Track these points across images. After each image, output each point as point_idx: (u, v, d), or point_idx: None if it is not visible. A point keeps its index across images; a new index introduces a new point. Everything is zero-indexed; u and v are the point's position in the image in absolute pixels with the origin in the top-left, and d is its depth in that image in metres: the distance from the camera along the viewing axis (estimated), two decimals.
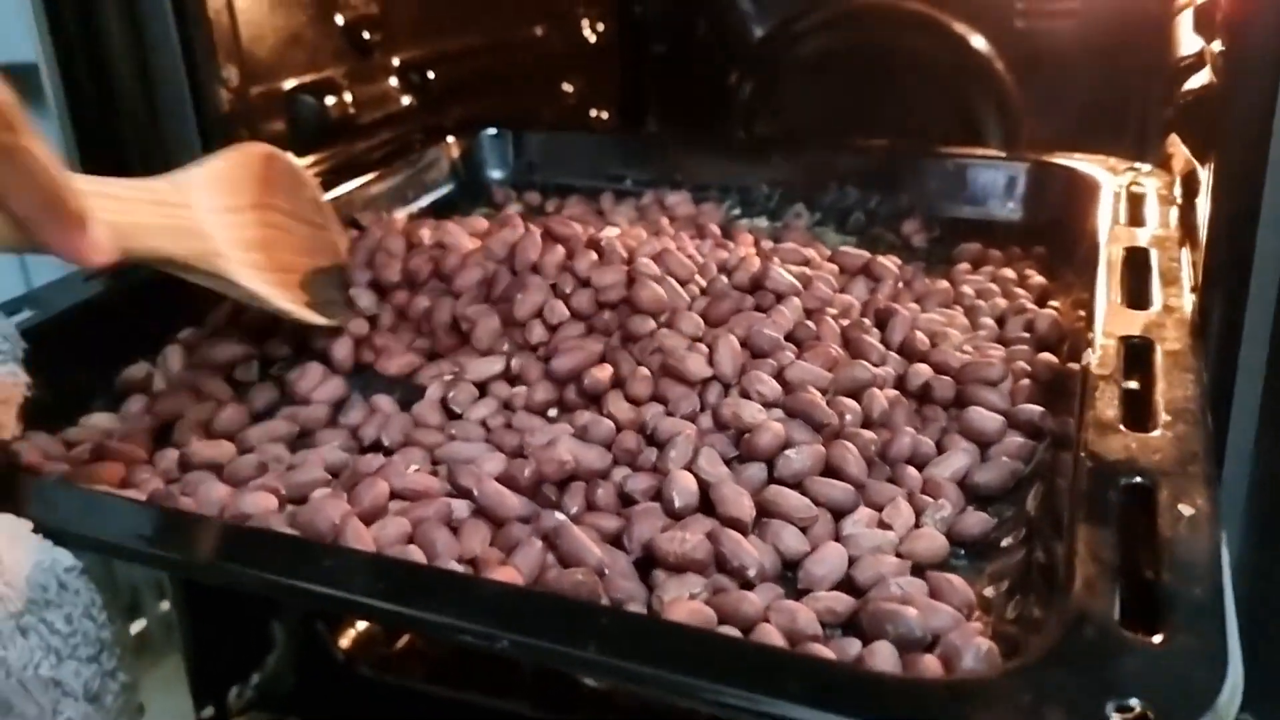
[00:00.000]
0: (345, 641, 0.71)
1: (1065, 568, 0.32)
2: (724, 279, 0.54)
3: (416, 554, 0.37)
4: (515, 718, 0.65)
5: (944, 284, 0.59)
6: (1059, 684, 0.27)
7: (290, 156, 0.58)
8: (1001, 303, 0.57)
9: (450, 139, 0.77)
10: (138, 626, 0.86)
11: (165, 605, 0.82)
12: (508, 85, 0.90)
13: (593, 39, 1.00)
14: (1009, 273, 0.61)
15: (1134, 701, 0.26)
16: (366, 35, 0.75)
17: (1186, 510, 0.34)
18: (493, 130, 0.78)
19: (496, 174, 0.77)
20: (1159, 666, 0.27)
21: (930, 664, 0.33)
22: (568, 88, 0.98)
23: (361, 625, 0.71)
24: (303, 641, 0.71)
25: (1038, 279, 0.60)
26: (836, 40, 0.94)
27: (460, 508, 0.40)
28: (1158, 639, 0.28)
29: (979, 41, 0.89)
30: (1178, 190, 0.60)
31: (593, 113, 1.02)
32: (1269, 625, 0.49)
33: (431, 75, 0.80)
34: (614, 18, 1.01)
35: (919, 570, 0.38)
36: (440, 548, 0.37)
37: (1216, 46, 0.53)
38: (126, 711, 0.31)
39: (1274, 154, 0.45)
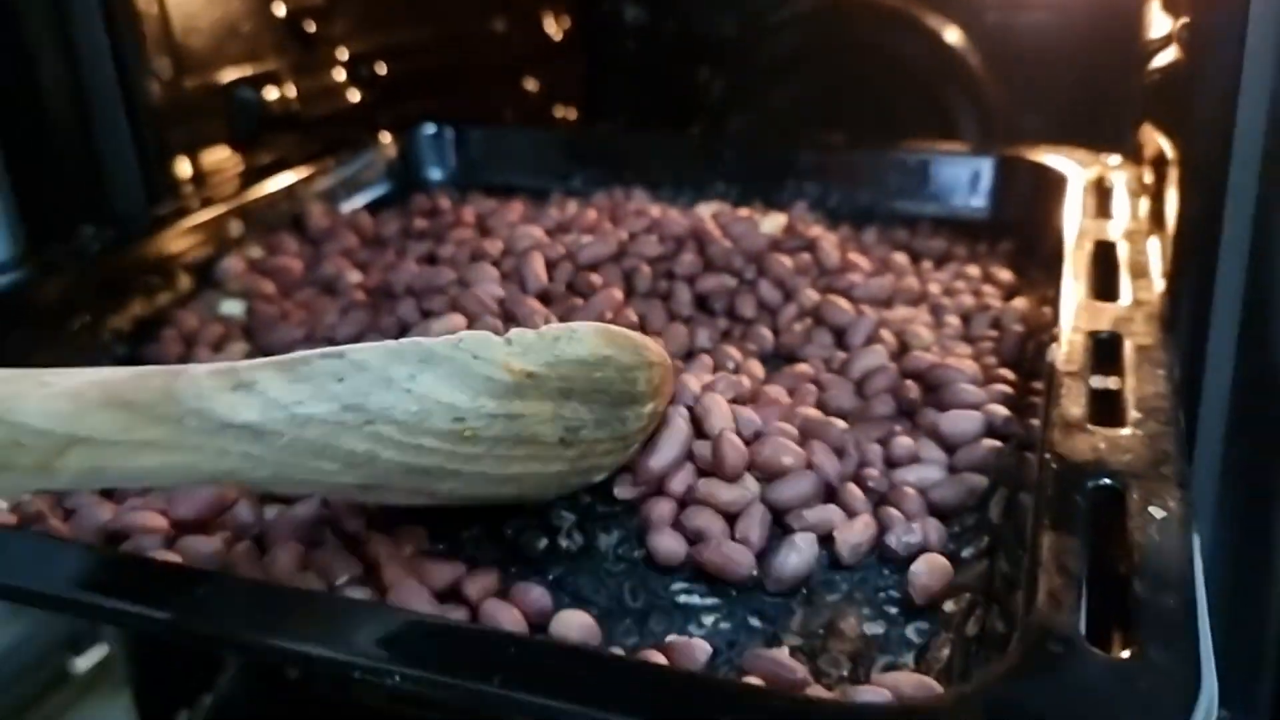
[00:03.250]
0: None
1: (1028, 578, 0.29)
2: None
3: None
4: None
5: (912, 280, 0.57)
6: (1019, 705, 0.25)
7: None
8: (968, 300, 0.55)
9: (387, 137, 0.74)
10: (99, 654, 0.83)
11: None
12: (468, 82, 0.87)
13: (556, 35, 0.98)
14: (974, 270, 0.59)
15: None
16: (311, 26, 0.72)
17: (1158, 513, 0.31)
18: (431, 127, 0.75)
19: (436, 173, 0.74)
20: (1127, 684, 0.25)
21: None
22: (530, 86, 0.96)
23: None
24: (254, 661, 0.68)
25: (1005, 275, 0.58)
26: (808, 36, 0.92)
27: None
28: (1125, 654, 0.26)
29: (952, 35, 0.87)
30: (1148, 179, 0.58)
31: (557, 111, 0.99)
32: (1240, 622, 0.47)
33: (383, 70, 0.77)
34: (577, 13, 0.99)
35: None
36: None
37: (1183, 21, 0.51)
38: None
39: (1239, 134, 0.43)
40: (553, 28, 0.97)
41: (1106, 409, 0.37)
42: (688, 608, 0.35)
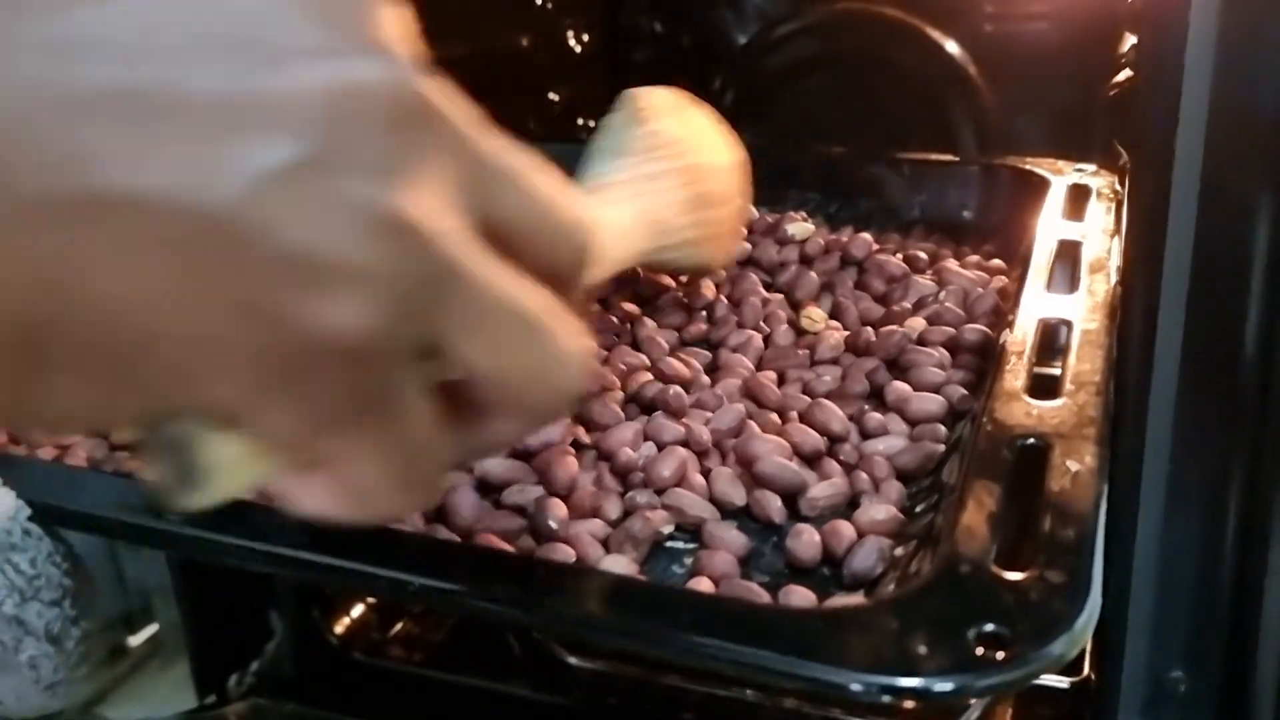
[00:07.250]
0: (339, 628, 0.74)
1: (953, 515, 0.35)
2: None
3: None
4: (510, 699, 0.68)
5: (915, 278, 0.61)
6: (926, 613, 0.30)
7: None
8: (956, 288, 0.60)
9: None
10: (150, 630, 0.89)
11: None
12: (494, 95, 0.92)
13: (578, 49, 1.03)
14: (963, 269, 0.64)
15: (994, 627, 0.29)
16: None
17: (1074, 466, 0.36)
18: None
19: None
20: (1022, 597, 0.30)
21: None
22: (554, 97, 1.01)
23: (355, 612, 0.74)
24: (299, 629, 0.74)
25: (994, 263, 0.63)
26: (816, 47, 0.96)
27: None
28: (1023, 574, 0.31)
29: (953, 47, 0.91)
30: (1119, 185, 0.63)
31: (580, 121, 1.04)
32: (1194, 589, 0.51)
33: None
34: (599, 27, 1.04)
35: None
36: None
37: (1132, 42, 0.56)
38: (89, 660, 0.34)
39: (1180, 145, 0.47)
40: (575, 42, 1.02)
41: (1047, 384, 0.42)
42: (673, 551, 0.41)
